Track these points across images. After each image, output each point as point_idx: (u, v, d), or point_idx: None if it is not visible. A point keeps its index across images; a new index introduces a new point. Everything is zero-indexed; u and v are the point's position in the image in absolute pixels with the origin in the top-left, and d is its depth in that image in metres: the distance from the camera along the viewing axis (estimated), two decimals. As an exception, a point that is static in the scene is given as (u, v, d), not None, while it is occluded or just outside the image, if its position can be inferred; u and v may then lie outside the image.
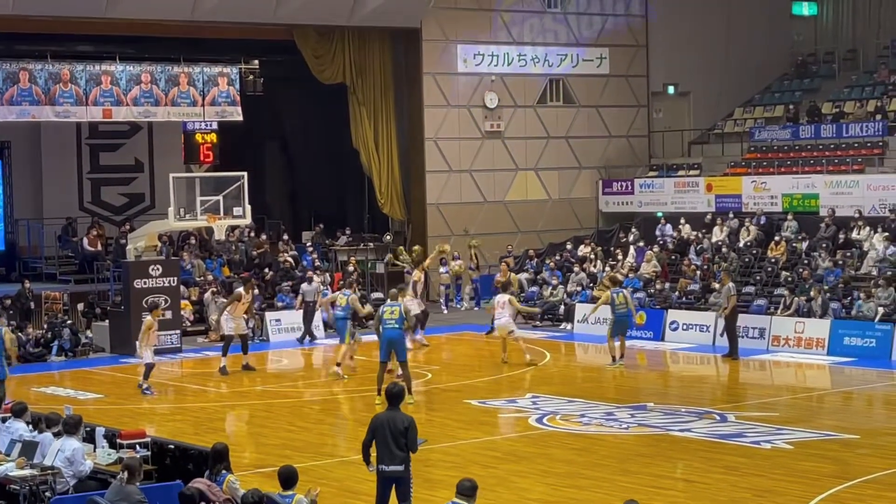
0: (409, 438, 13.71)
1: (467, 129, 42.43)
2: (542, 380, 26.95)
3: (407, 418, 13.79)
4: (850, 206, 36.28)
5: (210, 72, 37.43)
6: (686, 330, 32.79)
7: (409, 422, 13.77)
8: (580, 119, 44.46)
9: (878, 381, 26.95)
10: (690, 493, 17.24)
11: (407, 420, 13.78)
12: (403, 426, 13.71)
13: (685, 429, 21.42)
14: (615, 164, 44.76)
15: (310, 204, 45.60)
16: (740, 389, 26.67)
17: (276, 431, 22.23)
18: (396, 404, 14.02)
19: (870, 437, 20.71)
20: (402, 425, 13.71)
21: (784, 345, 30.48)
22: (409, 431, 13.69)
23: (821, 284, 31.98)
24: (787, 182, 38.56)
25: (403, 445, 13.75)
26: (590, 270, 38.11)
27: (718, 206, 39.84)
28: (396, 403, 14.03)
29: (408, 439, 13.73)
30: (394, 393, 14.09)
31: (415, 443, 13.80)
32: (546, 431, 21.59)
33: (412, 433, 13.73)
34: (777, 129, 42.52)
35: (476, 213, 42.48)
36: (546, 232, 43.32)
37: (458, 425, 22.16)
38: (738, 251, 37.03)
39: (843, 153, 39.34)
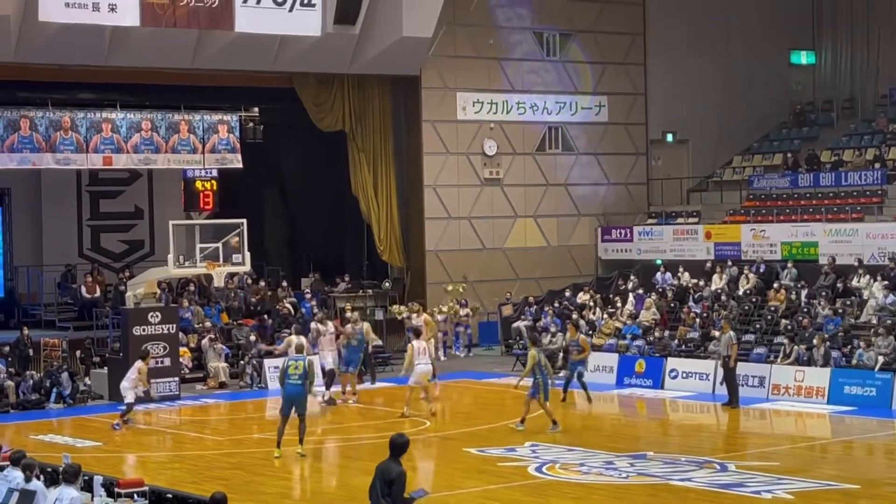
0: (393, 492, 13.52)
1: (466, 175, 42.51)
2: (541, 428, 26.85)
3: (396, 470, 13.64)
4: (850, 254, 36.30)
5: (210, 119, 37.53)
6: (686, 378, 32.74)
7: (398, 474, 13.60)
8: (579, 166, 44.55)
9: (878, 430, 26.87)
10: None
11: (395, 472, 13.63)
12: (390, 477, 13.58)
13: (685, 478, 21.34)
14: (614, 212, 44.81)
15: (308, 250, 45.60)
16: (740, 438, 26.59)
17: (274, 479, 22.13)
18: (395, 455, 13.90)
19: (870, 486, 20.63)
20: (390, 476, 13.58)
21: (784, 393, 30.42)
22: (395, 485, 13.51)
23: (821, 333, 31.95)
24: (786, 230, 38.60)
25: (387, 495, 13.60)
26: (589, 318, 38.06)
27: (717, 254, 39.86)
28: (395, 454, 13.90)
29: (392, 492, 13.54)
30: (396, 444, 13.94)
31: (400, 497, 13.57)
32: (545, 480, 21.50)
33: (397, 487, 13.52)
34: (776, 177, 42.60)
35: (475, 259, 42.49)
36: (545, 279, 43.29)
37: (456, 474, 22.07)
38: (738, 299, 37.01)
39: (842, 201, 39.39)
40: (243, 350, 35.36)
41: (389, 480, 13.54)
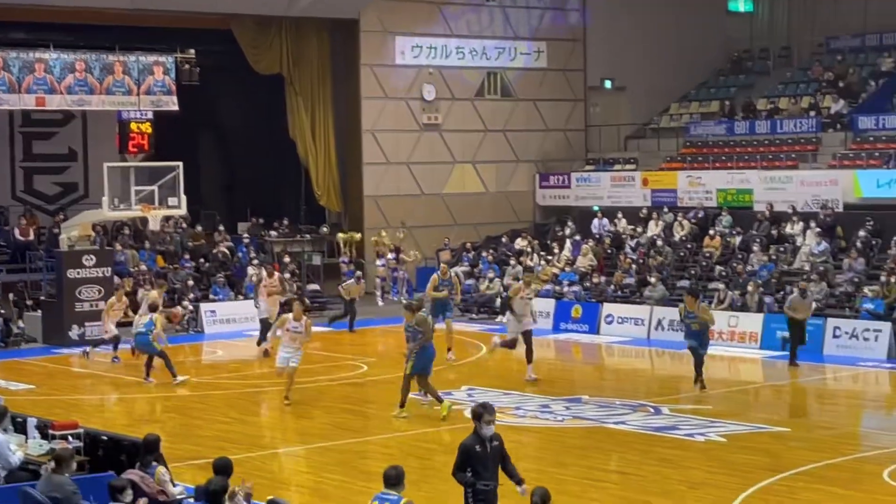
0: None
1: (405, 121, 42.37)
2: (477, 372, 26.98)
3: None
4: (784, 201, 36.60)
5: (145, 61, 37.07)
6: (621, 323, 32.98)
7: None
8: (517, 112, 44.53)
9: (809, 374, 27.24)
10: (624, 485, 17.32)
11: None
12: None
13: (619, 421, 21.54)
14: (552, 158, 44.89)
15: (246, 195, 45.31)
16: (674, 382, 26.83)
17: (211, 423, 22.10)
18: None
19: (801, 429, 20.93)
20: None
21: (718, 338, 30.62)
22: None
23: (755, 279, 32.26)
24: (721, 177, 38.84)
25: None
26: (526, 264, 38.20)
27: (654, 201, 40.06)
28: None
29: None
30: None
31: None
32: (482, 424, 21.56)
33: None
34: (712, 124, 42.82)
35: (413, 205, 42.43)
36: (483, 225, 43.35)
37: (393, 417, 22.10)
38: (673, 245, 37.28)
39: (777, 149, 39.69)
40: (180, 294, 35.13)
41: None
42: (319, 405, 23.43)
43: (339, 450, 19.73)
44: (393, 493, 11.70)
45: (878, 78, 41.01)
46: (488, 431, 12.82)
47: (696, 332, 24.08)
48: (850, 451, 19.22)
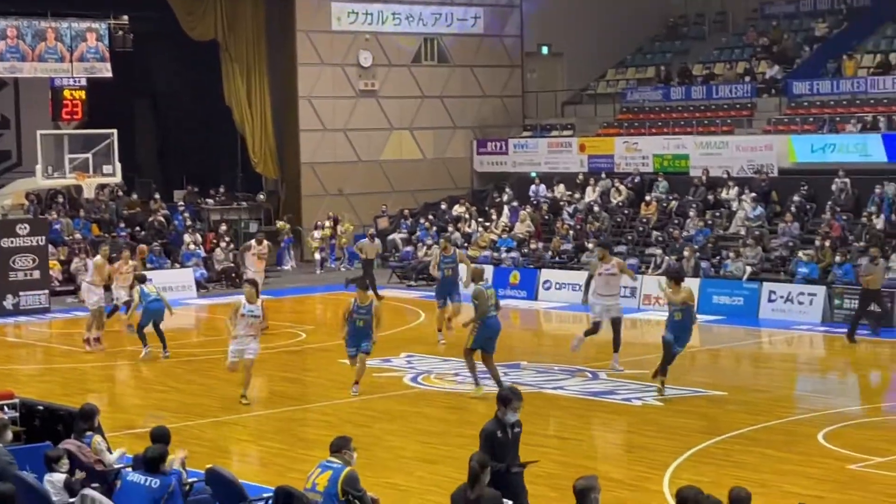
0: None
1: (341, 87, 42.16)
2: (416, 339, 26.98)
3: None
4: (720, 166, 36.83)
5: (78, 27, 36.61)
6: (559, 289, 33.10)
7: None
8: (454, 79, 44.43)
9: (745, 338, 27.50)
10: (563, 450, 17.40)
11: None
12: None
13: (558, 386, 21.64)
14: (489, 124, 44.87)
15: (181, 162, 44.98)
16: (612, 348, 26.91)
17: (148, 392, 21.97)
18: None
19: (737, 393, 21.11)
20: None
21: (655, 303, 30.88)
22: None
23: (691, 244, 32.47)
24: (658, 143, 39.01)
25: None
26: (464, 230, 38.23)
27: (591, 167, 40.17)
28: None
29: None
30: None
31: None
32: (420, 390, 21.65)
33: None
34: (648, 90, 42.96)
35: (350, 172, 42.29)
36: (421, 191, 43.31)
37: (332, 385, 22.10)
38: (610, 211, 37.42)
39: (712, 114, 39.89)
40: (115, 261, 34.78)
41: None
42: (258, 373, 23.28)
43: (278, 418, 19.69)
44: (337, 460, 11.67)
45: (813, 43, 41.29)
46: (513, 418, 12.42)
47: (678, 324, 20.67)
48: (785, 413, 19.43)
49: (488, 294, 20.75)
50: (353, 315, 20.53)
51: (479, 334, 20.49)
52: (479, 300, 20.53)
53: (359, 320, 20.51)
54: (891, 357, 26.30)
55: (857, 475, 15.78)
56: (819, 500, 13.26)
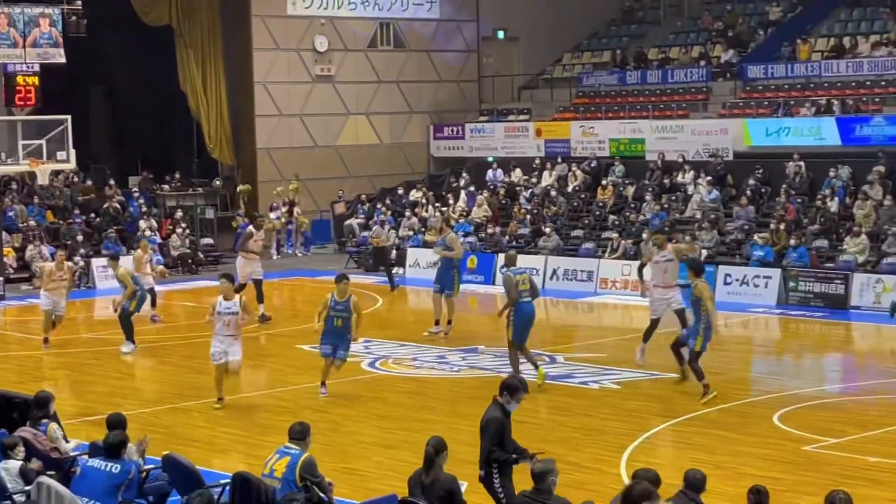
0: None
1: (297, 72, 42.01)
2: (374, 324, 26.94)
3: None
4: (675, 150, 36.97)
5: (31, 12, 36.24)
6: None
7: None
8: (411, 64, 44.37)
9: (701, 321, 27.57)
10: (520, 433, 17.31)
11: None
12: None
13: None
14: (446, 109, 44.83)
15: (136, 148, 44.71)
16: (569, 331, 27.06)
17: (104, 379, 21.86)
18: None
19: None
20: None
21: (612, 287, 31.02)
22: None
23: (648, 227, 32.61)
24: (614, 127, 39.10)
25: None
26: (421, 215, 38.22)
27: (548, 151, 40.22)
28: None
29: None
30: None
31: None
32: (378, 375, 21.65)
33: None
34: (604, 74, 43.03)
35: (307, 157, 42.16)
36: (377, 176, 43.26)
37: (290, 370, 22.07)
38: (567, 196, 37.51)
39: (668, 98, 40.04)
40: (70, 249, 34.60)
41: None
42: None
43: (236, 404, 19.62)
44: (295, 446, 11.68)
45: (767, 27, 41.50)
46: (514, 407, 12.30)
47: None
48: (740, 396, 19.55)
49: (517, 280, 19.90)
50: (331, 312, 19.05)
51: (515, 324, 19.77)
52: (506, 286, 20.00)
53: (336, 318, 19.05)
54: (845, 339, 26.53)
55: (812, 456, 15.91)
56: (774, 482, 13.35)
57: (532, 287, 20.17)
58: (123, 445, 11.67)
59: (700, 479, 10.60)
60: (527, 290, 19.94)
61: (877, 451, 15.93)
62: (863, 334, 26.74)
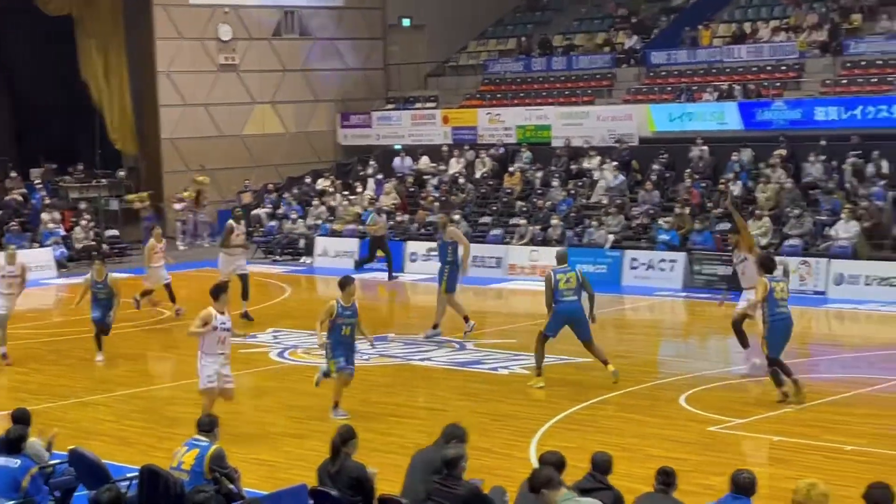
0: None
1: (201, 62, 41.63)
2: (283, 314, 26.85)
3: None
4: (581, 136, 37.20)
5: (-74, 2, 35.60)
6: (426, 261, 33.15)
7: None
8: (316, 52, 44.17)
9: (609, 306, 27.80)
10: (432, 420, 17.45)
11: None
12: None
13: (425, 357, 21.73)
14: (352, 97, 44.70)
15: (38, 140, 43.96)
16: (478, 318, 27.06)
17: (9, 374, 21.54)
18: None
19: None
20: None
21: (520, 273, 31.17)
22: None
23: (555, 213, 32.80)
24: (520, 113, 39.26)
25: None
26: (329, 204, 38.10)
27: (455, 138, 40.29)
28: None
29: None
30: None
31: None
32: (288, 365, 21.58)
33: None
34: (510, 61, 43.18)
35: (212, 147, 41.81)
36: (284, 166, 43.03)
37: (196, 363, 21.84)
38: (475, 182, 37.60)
39: (573, 85, 40.28)
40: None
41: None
42: (122, 352, 23.03)
43: (143, 396, 19.46)
44: (204, 438, 11.61)
45: (670, 13, 41.90)
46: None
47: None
48: (648, 378, 19.75)
49: (558, 279, 18.95)
50: (338, 320, 17.07)
51: (551, 319, 19.11)
52: (545, 285, 19.20)
53: (345, 327, 17.13)
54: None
55: (718, 437, 16.13)
56: (681, 462, 13.50)
57: (580, 284, 19.11)
58: (22, 440, 11.53)
59: (606, 461, 10.71)
60: (571, 290, 19.02)
61: (780, 431, 16.20)
62: (767, 316, 27.09)
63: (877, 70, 34.72)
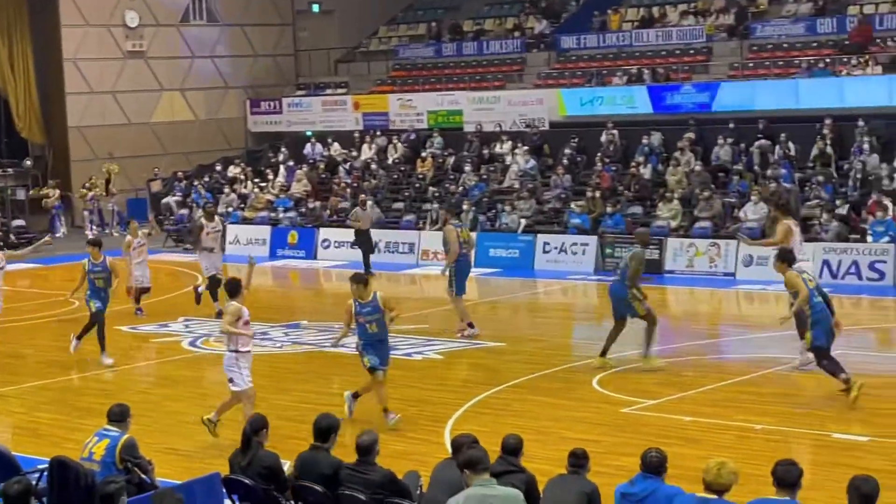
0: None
1: (108, 49, 41.14)
2: (194, 303, 26.61)
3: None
4: (493, 121, 37.28)
5: None
6: (338, 247, 33.10)
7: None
8: (225, 38, 43.83)
9: (521, 290, 27.98)
10: (344, 406, 17.43)
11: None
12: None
13: (339, 345, 21.61)
14: (262, 84, 44.43)
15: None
16: (392, 303, 27.04)
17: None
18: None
19: (515, 343, 21.46)
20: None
21: (433, 258, 31.16)
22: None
23: (468, 198, 32.84)
24: (431, 99, 39.25)
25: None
26: (240, 191, 37.84)
27: (366, 124, 40.20)
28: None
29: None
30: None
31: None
32: (200, 354, 21.41)
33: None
34: (421, 47, 43.16)
35: (120, 135, 41.34)
36: (194, 153, 42.67)
37: (109, 352, 21.60)
38: (387, 168, 37.54)
39: (484, 70, 40.34)
40: None
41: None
42: (32, 344, 22.74)
43: (53, 387, 19.22)
44: (115, 428, 11.48)
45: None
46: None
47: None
48: (561, 362, 19.84)
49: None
50: (359, 319, 16.22)
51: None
52: (639, 266, 18.96)
53: (369, 324, 16.21)
54: (660, 303, 27.12)
55: (630, 418, 16.26)
56: (594, 444, 13.59)
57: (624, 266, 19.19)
58: None
59: (516, 444, 10.76)
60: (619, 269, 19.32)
61: (691, 411, 16.36)
62: (677, 298, 27.40)
63: (783, 53, 35.18)
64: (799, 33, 35.60)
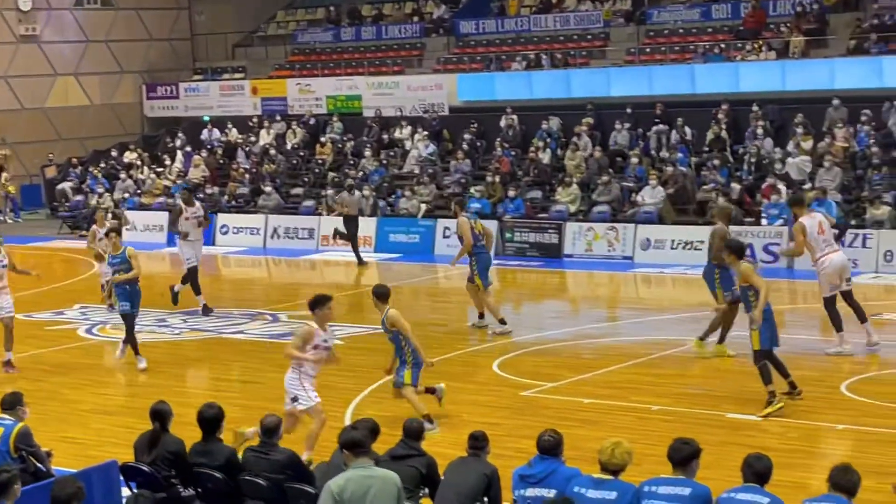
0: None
1: (0, 33, 40.39)
2: (90, 290, 26.28)
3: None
4: (392, 106, 37.26)
5: None
6: (237, 233, 32.92)
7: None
8: (120, 22, 43.28)
9: (422, 274, 28.02)
10: (247, 393, 17.39)
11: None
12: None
13: (238, 330, 21.55)
14: (158, 68, 43.95)
15: None
16: (292, 290, 27.03)
17: None
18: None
19: (416, 328, 21.22)
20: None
21: (333, 244, 31.05)
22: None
23: (368, 183, 32.79)
24: (330, 84, 39.11)
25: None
26: (137, 177, 37.42)
27: (265, 109, 39.95)
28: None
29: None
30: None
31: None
32: (96, 342, 21.17)
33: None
34: (319, 31, 42.97)
35: (13, 120, 40.67)
36: (89, 139, 42.11)
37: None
38: (286, 153, 37.35)
39: (383, 55, 40.27)
40: None
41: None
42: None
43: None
44: (8, 417, 11.32)
45: (477, -17, 42.13)
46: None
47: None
48: (462, 346, 19.91)
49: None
50: (387, 335, 15.93)
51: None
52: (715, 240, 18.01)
53: (398, 341, 15.80)
54: (559, 286, 27.35)
55: (531, 400, 16.37)
56: (494, 427, 13.65)
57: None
58: None
59: (417, 428, 10.79)
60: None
61: (590, 393, 16.51)
62: (576, 281, 27.62)
63: (679, 38, 35.56)
64: (694, 19, 36.01)
